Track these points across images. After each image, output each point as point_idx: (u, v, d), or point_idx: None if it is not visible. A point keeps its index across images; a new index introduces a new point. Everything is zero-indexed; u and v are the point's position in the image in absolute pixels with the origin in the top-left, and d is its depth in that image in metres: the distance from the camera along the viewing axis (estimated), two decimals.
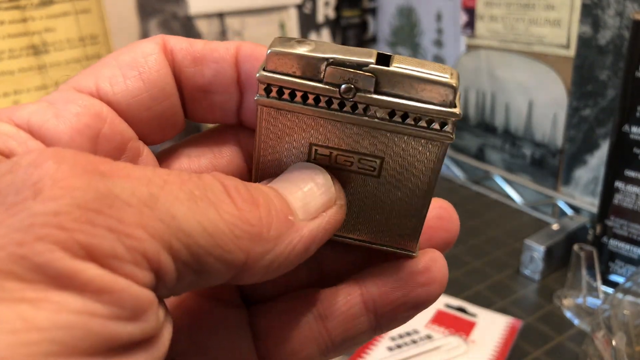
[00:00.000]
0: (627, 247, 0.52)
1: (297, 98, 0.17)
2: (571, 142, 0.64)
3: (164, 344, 0.14)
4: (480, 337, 0.47)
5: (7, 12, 0.60)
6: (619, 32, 0.56)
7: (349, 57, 0.16)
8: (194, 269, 0.14)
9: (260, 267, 0.15)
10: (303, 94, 0.16)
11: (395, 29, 0.86)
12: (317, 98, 0.16)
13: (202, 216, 0.14)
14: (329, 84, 0.16)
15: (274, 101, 0.17)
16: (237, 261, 0.14)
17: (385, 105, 0.16)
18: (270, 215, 0.15)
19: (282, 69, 0.16)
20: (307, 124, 0.17)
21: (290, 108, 0.17)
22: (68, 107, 0.16)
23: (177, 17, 0.73)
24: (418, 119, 0.16)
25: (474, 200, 0.74)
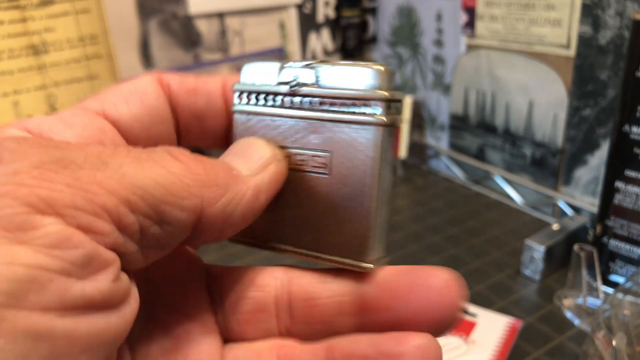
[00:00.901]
0: (628, 247, 0.51)
1: (259, 101, 0.19)
2: (571, 142, 0.64)
3: (125, 315, 0.14)
4: (481, 337, 0.47)
5: (7, 12, 0.60)
6: (620, 32, 0.56)
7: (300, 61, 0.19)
8: (155, 220, 0.15)
9: (217, 213, 0.16)
10: (263, 95, 0.19)
11: (395, 28, 0.86)
12: (273, 98, 0.19)
13: (151, 172, 0.15)
14: (281, 83, 0.19)
15: (243, 107, 0.19)
16: (193, 205, 0.16)
17: (322, 95, 0.18)
18: (215, 168, 0.17)
19: (250, 80, 0.19)
20: (269, 125, 0.19)
21: (254, 110, 0.19)
22: (75, 119, 0.18)
23: (177, 17, 0.73)
24: (351, 104, 0.18)
25: (474, 200, 0.74)
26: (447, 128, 0.82)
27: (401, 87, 0.89)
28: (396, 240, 0.64)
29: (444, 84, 0.80)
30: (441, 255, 0.61)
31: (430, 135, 0.85)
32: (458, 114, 0.79)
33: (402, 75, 0.88)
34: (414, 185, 0.80)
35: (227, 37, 0.78)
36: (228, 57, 0.79)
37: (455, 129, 0.80)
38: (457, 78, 0.77)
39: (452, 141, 0.81)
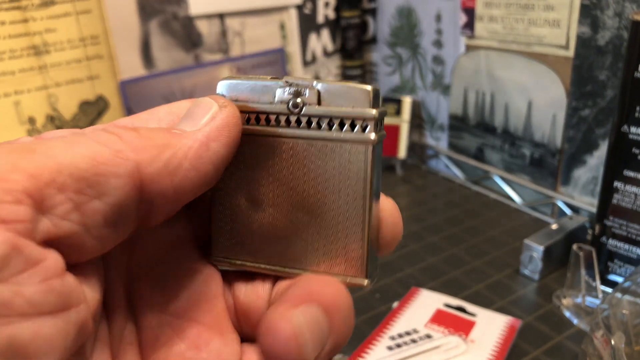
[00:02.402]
0: (626, 247, 0.52)
1: (260, 121, 0.19)
2: (570, 142, 0.64)
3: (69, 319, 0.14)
4: (480, 337, 0.47)
5: (8, 13, 0.60)
6: (618, 32, 0.56)
7: (294, 80, 0.19)
8: (91, 194, 0.14)
9: (159, 172, 0.15)
10: (259, 115, 0.19)
11: (395, 29, 0.87)
12: (275, 118, 0.19)
13: (80, 148, 0.14)
14: (280, 103, 0.19)
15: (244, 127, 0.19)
16: (129, 170, 0.15)
17: (318, 114, 0.18)
18: (151, 132, 0.16)
19: (242, 98, 0.19)
20: (270, 144, 0.19)
21: (253, 131, 0.19)
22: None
23: (178, 18, 0.73)
24: (343, 123, 0.18)
25: (473, 200, 0.74)
26: (446, 128, 0.82)
27: (401, 87, 0.89)
28: None
29: (443, 84, 0.80)
30: (440, 255, 0.61)
31: (430, 135, 0.85)
32: (457, 114, 0.79)
33: (401, 76, 0.88)
34: (414, 185, 0.80)
35: (228, 37, 0.78)
36: (228, 57, 0.79)
37: (455, 129, 0.80)
38: (456, 78, 0.78)
39: (452, 141, 0.82)
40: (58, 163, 0.14)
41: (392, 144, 0.83)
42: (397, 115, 0.83)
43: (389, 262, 0.60)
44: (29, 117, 0.64)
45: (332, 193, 0.19)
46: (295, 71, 0.87)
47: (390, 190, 0.79)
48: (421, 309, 0.51)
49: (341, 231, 0.19)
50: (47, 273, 0.13)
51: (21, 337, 0.12)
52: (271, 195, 0.19)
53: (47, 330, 0.13)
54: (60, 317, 0.13)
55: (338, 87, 0.18)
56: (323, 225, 0.19)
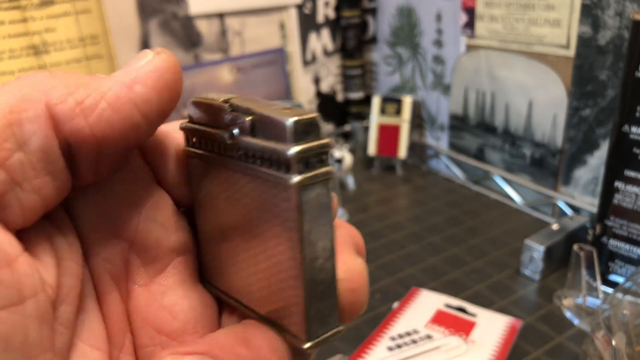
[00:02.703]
0: (627, 247, 0.52)
1: (207, 145, 0.18)
2: (571, 142, 0.64)
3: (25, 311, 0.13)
4: (480, 337, 0.47)
5: (8, 12, 0.60)
6: (619, 32, 0.56)
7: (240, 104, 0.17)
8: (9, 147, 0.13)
9: (71, 108, 0.14)
10: (210, 140, 0.17)
11: (395, 29, 0.87)
12: (218, 145, 0.17)
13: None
14: (223, 129, 0.17)
15: (193, 149, 0.18)
16: (37, 111, 0.14)
17: (249, 148, 0.16)
18: (67, 74, 0.15)
19: (199, 118, 0.18)
20: (216, 172, 0.18)
21: (204, 154, 0.18)
22: None
23: (177, 17, 0.73)
24: (270, 161, 0.16)
25: (473, 200, 0.74)
26: (446, 128, 0.82)
27: (401, 87, 0.89)
28: (396, 240, 0.64)
29: (443, 84, 0.80)
30: (441, 255, 0.61)
31: (430, 135, 0.85)
32: (458, 114, 0.79)
33: (402, 75, 0.88)
34: (414, 185, 0.80)
35: (228, 37, 0.78)
36: (228, 57, 0.79)
37: (455, 129, 0.80)
38: (456, 78, 0.78)
39: (452, 141, 0.81)
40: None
41: (392, 144, 0.83)
42: (397, 115, 0.83)
43: (389, 262, 0.60)
44: None
45: (269, 237, 0.16)
46: (295, 71, 0.87)
47: (391, 190, 0.79)
48: (421, 309, 0.50)
49: (282, 281, 0.16)
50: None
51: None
52: (228, 224, 0.18)
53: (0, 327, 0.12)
54: (12, 310, 0.12)
55: (267, 117, 0.16)
56: (268, 270, 0.17)
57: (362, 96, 0.94)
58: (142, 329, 0.17)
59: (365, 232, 0.66)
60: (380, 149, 0.84)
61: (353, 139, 0.93)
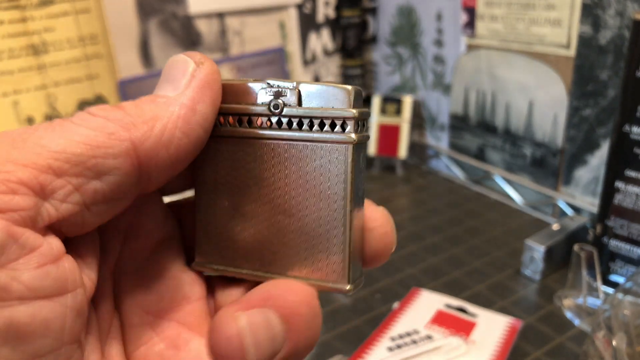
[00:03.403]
0: (628, 247, 0.51)
1: (242, 123, 0.19)
2: (571, 142, 0.64)
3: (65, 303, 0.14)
4: (481, 338, 0.47)
5: (7, 12, 0.60)
6: (620, 32, 0.56)
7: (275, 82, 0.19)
8: (90, 176, 0.15)
9: (154, 146, 0.16)
10: (246, 117, 0.19)
11: (395, 28, 0.86)
12: (256, 120, 0.19)
13: (69, 133, 0.15)
14: (261, 104, 0.18)
15: (225, 129, 0.19)
16: (124, 150, 0.15)
17: (298, 115, 0.18)
18: (137, 106, 0.16)
19: (229, 100, 0.19)
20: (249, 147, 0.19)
21: (234, 133, 0.19)
22: None
23: (177, 17, 0.73)
24: (323, 124, 0.18)
25: (474, 200, 0.74)
26: (447, 128, 0.82)
27: (401, 87, 0.89)
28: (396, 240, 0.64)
29: (444, 83, 0.80)
30: (441, 256, 0.61)
31: (430, 135, 0.85)
32: (458, 114, 0.79)
33: (402, 75, 0.88)
34: (414, 185, 0.80)
35: (227, 37, 0.78)
36: (228, 57, 0.79)
37: (456, 129, 0.80)
38: (457, 78, 0.77)
39: (452, 141, 0.81)
40: (51, 151, 0.14)
41: (393, 144, 0.83)
42: (398, 115, 0.83)
43: (389, 262, 0.60)
44: (28, 116, 0.64)
45: (312, 195, 0.18)
46: (295, 70, 0.87)
47: (391, 190, 0.79)
48: (422, 309, 0.50)
49: (322, 235, 0.18)
50: (42, 259, 0.14)
51: (19, 320, 0.13)
52: (252, 199, 0.19)
53: (44, 313, 0.14)
54: (56, 300, 0.14)
55: (318, 88, 0.18)
56: (304, 229, 0.18)
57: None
58: (131, 311, 0.18)
59: None
60: (380, 148, 0.84)
61: None
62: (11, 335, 0.13)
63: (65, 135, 0.15)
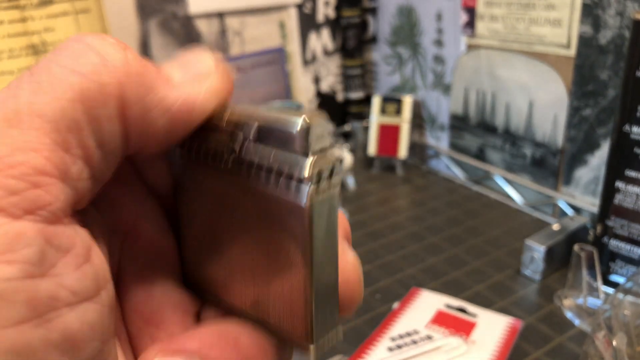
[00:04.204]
0: (628, 247, 0.51)
1: (201, 157, 0.17)
2: (572, 142, 0.64)
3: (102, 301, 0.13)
4: (481, 338, 0.46)
5: (7, 12, 0.60)
6: (620, 31, 0.56)
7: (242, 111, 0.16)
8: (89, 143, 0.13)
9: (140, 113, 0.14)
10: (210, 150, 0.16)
11: (395, 28, 0.86)
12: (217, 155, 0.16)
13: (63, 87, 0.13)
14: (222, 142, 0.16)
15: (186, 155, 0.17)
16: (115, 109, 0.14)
17: (256, 161, 0.15)
18: (138, 60, 0.15)
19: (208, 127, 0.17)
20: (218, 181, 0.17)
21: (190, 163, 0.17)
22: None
23: (177, 17, 0.73)
24: (279, 175, 0.15)
25: (474, 200, 0.74)
26: (447, 128, 0.82)
27: (401, 86, 0.89)
28: (396, 240, 0.64)
29: (444, 83, 0.80)
30: (441, 256, 0.61)
31: (430, 135, 0.85)
32: (458, 114, 0.79)
33: (402, 75, 0.88)
34: (414, 185, 0.80)
35: (227, 37, 0.78)
36: (228, 57, 0.79)
37: (456, 129, 0.80)
38: (457, 78, 0.77)
39: (452, 141, 0.81)
40: (50, 121, 0.13)
41: (393, 144, 0.83)
42: (398, 115, 0.83)
43: (389, 262, 0.60)
44: None
45: (274, 247, 0.16)
46: (295, 70, 0.87)
47: (391, 190, 0.79)
48: (422, 309, 0.50)
49: (286, 293, 0.16)
50: (79, 259, 0.13)
51: (72, 327, 0.12)
52: (228, 232, 0.17)
53: (89, 315, 0.13)
54: (95, 300, 0.13)
55: (272, 122, 0.15)
56: (271, 278, 0.16)
57: (362, 96, 0.94)
58: (131, 321, 0.18)
59: (365, 232, 0.66)
60: (380, 149, 0.83)
61: (353, 139, 0.93)
62: (69, 346, 0.12)
63: (59, 90, 0.13)
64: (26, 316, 0.12)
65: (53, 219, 0.13)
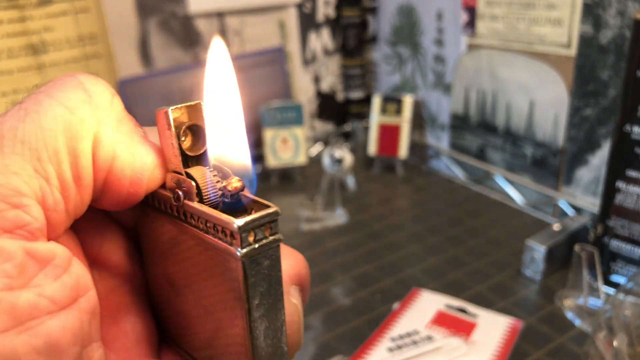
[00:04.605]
0: (629, 248, 0.51)
1: (154, 200, 0.17)
2: (572, 142, 0.64)
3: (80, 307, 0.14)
4: (481, 338, 0.46)
5: (6, 12, 0.60)
6: (620, 31, 0.56)
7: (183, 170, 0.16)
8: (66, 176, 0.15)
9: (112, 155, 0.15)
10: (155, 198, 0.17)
11: (395, 28, 0.86)
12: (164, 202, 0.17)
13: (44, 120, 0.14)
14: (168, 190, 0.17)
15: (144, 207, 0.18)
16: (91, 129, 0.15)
17: (195, 213, 0.16)
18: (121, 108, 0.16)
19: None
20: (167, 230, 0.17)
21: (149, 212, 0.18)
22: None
23: (177, 16, 0.73)
24: (214, 227, 0.15)
25: (474, 200, 0.74)
26: (447, 128, 0.81)
27: (401, 86, 0.89)
28: (396, 241, 0.64)
29: (444, 83, 0.80)
30: (441, 256, 0.61)
31: (431, 135, 0.85)
32: (458, 113, 0.79)
33: (402, 75, 0.88)
34: (414, 186, 0.80)
35: (227, 36, 0.78)
36: None
37: (456, 129, 0.80)
38: (457, 78, 0.77)
39: (453, 141, 0.81)
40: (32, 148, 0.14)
41: (393, 144, 0.83)
42: (398, 114, 0.83)
43: (389, 262, 0.60)
44: None
45: (217, 301, 0.16)
46: (295, 70, 0.87)
47: (391, 190, 0.79)
48: (422, 310, 0.50)
49: (231, 344, 0.16)
50: (58, 270, 0.14)
51: (54, 334, 0.13)
52: (179, 281, 0.18)
53: (69, 322, 0.14)
54: (74, 307, 0.14)
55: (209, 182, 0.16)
56: (217, 330, 0.17)
57: (362, 96, 0.94)
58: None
59: (365, 233, 0.66)
60: (380, 148, 0.83)
61: (353, 138, 0.92)
62: (51, 351, 0.13)
63: (41, 122, 0.14)
64: (9, 324, 0.12)
65: (32, 237, 0.13)
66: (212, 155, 0.17)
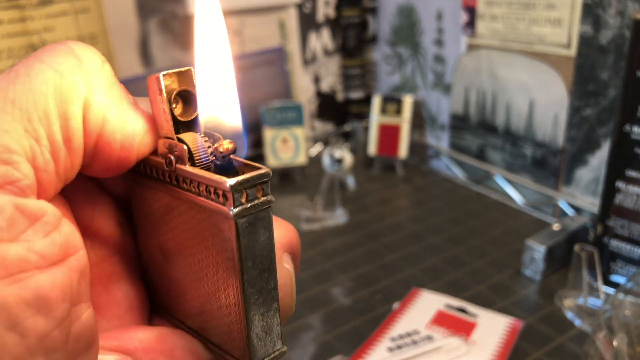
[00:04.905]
0: (628, 248, 0.51)
1: (147, 171, 0.18)
2: (572, 142, 0.64)
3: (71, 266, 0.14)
4: (481, 338, 0.46)
5: (6, 12, 0.60)
6: (620, 31, 0.56)
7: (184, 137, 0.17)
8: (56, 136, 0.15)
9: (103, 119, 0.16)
10: (146, 166, 0.17)
11: (395, 28, 0.86)
12: (156, 170, 0.17)
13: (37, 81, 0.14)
14: (160, 156, 0.17)
15: (135, 175, 0.18)
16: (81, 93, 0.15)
17: (188, 176, 0.16)
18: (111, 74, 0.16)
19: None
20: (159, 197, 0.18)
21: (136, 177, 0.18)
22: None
23: (177, 17, 0.73)
24: (208, 190, 0.16)
25: (474, 200, 0.74)
26: (447, 128, 0.82)
27: (401, 86, 0.89)
28: (396, 241, 0.64)
29: (444, 83, 0.80)
30: (441, 256, 0.61)
31: (431, 135, 0.85)
32: (458, 113, 0.79)
33: (402, 75, 0.88)
34: (415, 186, 0.80)
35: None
36: None
37: (456, 129, 0.80)
38: (457, 78, 0.77)
39: (453, 141, 0.81)
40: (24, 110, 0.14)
41: (393, 144, 0.83)
42: (398, 115, 0.83)
43: (389, 262, 0.60)
44: None
45: (210, 264, 0.16)
46: (295, 70, 0.87)
47: (391, 190, 0.79)
48: (422, 309, 0.50)
49: (224, 308, 0.16)
50: (48, 227, 0.14)
51: (44, 288, 0.13)
52: (169, 247, 0.18)
53: (59, 278, 0.14)
54: (64, 265, 0.14)
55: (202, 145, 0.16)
56: (211, 296, 0.17)
57: (362, 96, 0.94)
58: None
59: (365, 232, 0.66)
60: (380, 148, 0.83)
61: (353, 138, 0.92)
62: (41, 304, 0.13)
63: (32, 84, 0.14)
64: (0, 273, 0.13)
65: (22, 193, 0.14)
66: (203, 121, 0.17)
